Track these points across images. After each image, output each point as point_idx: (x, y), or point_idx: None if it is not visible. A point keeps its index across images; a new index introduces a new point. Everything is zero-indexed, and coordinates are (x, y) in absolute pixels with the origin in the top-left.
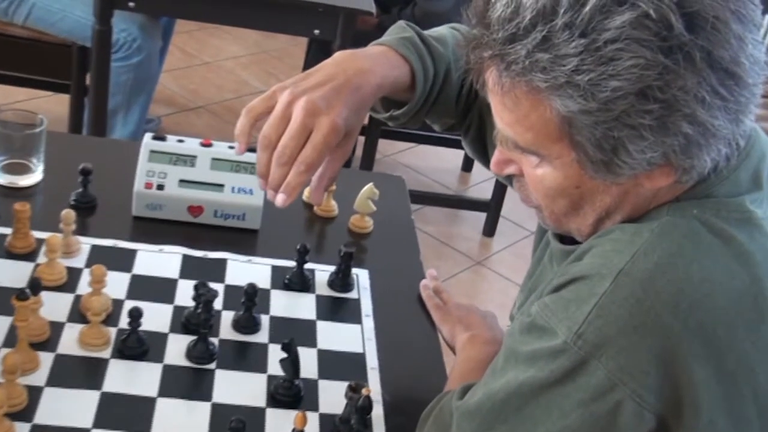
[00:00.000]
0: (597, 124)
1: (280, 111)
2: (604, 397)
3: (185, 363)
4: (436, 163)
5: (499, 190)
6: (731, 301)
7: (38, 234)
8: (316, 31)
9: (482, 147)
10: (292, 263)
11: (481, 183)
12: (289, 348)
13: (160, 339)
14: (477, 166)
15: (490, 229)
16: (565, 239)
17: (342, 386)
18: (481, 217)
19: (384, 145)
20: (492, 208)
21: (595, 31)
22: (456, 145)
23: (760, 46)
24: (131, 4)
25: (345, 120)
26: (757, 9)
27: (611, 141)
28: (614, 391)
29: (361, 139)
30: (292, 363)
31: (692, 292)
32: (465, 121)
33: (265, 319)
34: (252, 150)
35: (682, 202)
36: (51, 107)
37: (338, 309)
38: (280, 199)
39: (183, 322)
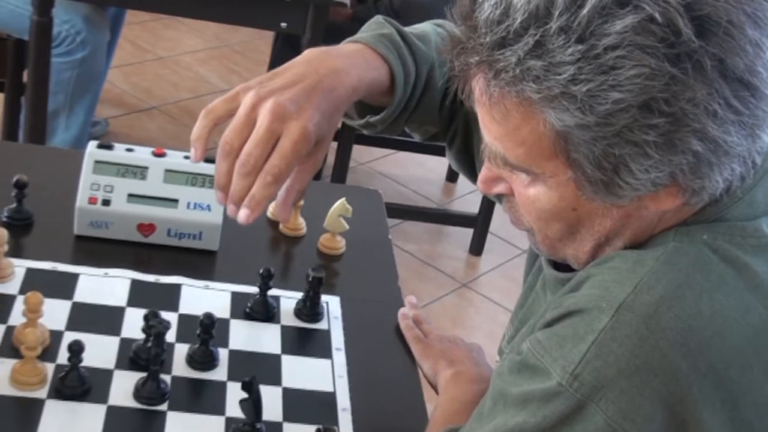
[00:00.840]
0: (596, 140)
1: (244, 114)
2: None
3: (133, 404)
4: (418, 173)
5: (488, 203)
6: (746, 338)
7: None
8: (284, 24)
9: (469, 160)
10: (254, 289)
11: (467, 195)
12: (251, 387)
13: (104, 376)
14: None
15: (477, 247)
16: (560, 265)
17: (310, 430)
18: (468, 233)
19: (359, 152)
20: (480, 223)
21: (594, 36)
22: (440, 152)
23: None
24: None
25: (317, 125)
26: None
27: (612, 159)
28: None
29: (334, 144)
30: (253, 404)
31: (702, 329)
32: (449, 131)
33: (223, 354)
34: (210, 160)
35: (691, 226)
36: None
37: (306, 342)
38: (242, 215)
39: (131, 357)
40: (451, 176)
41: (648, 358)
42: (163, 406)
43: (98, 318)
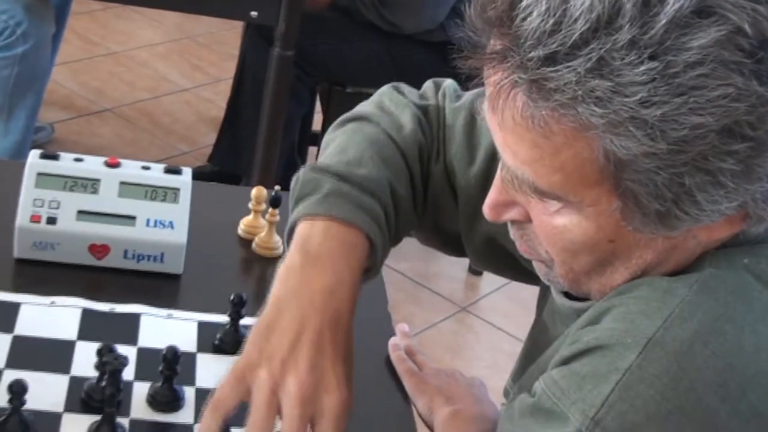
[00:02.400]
0: (661, 169)
1: (266, 405)
2: None
3: None
4: None
5: None
6: None
7: None
8: (254, 14)
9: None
10: (224, 318)
11: None
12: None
13: (51, 421)
14: None
15: None
16: (571, 294)
17: None
18: None
19: None
20: None
21: (671, 51)
22: None
23: None
24: None
25: (350, 380)
26: None
27: (675, 189)
28: None
29: (313, 150)
30: None
31: (744, 368)
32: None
33: (189, 393)
34: (172, 171)
35: (729, 248)
36: None
37: None
38: None
39: (82, 398)
40: None
41: (681, 401)
42: None
43: (44, 354)
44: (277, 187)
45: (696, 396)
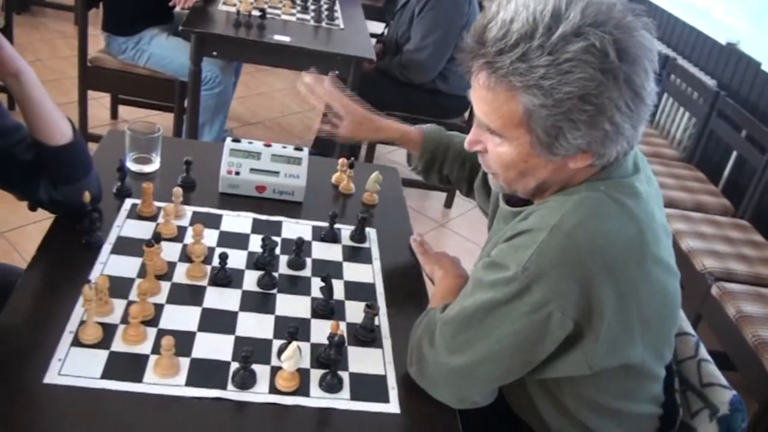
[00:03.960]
0: (549, 117)
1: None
2: (540, 310)
3: (257, 289)
4: None
5: None
6: (625, 245)
7: (159, 204)
8: (337, 72)
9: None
10: (326, 224)
11: None
12: (326, 279)
13: (239, 274)
14: None
15: (449, 203)
16: (511, 202)
17: (361, 305)
18: (443, 195)
19: (380, 147)
20: (451, 189)
21: (559, 52)
22: None
23: (654, 84)
24: (214, 53)
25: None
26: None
27: (556, 129)
28: (547, 306)
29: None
30: (327, 289)
31: (601, 241)
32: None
33: (308, 261)
34: (299, 149)
35: (593, 182)
36: (161, 121)
37: (357, 254)
38: None
39: (254, 262)
40: None
41: (570, 258)
42: (274, 291)
43: (235, 240)
44: (352, 158)
45: (577, 254)
